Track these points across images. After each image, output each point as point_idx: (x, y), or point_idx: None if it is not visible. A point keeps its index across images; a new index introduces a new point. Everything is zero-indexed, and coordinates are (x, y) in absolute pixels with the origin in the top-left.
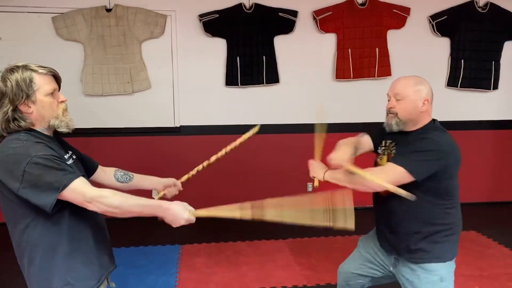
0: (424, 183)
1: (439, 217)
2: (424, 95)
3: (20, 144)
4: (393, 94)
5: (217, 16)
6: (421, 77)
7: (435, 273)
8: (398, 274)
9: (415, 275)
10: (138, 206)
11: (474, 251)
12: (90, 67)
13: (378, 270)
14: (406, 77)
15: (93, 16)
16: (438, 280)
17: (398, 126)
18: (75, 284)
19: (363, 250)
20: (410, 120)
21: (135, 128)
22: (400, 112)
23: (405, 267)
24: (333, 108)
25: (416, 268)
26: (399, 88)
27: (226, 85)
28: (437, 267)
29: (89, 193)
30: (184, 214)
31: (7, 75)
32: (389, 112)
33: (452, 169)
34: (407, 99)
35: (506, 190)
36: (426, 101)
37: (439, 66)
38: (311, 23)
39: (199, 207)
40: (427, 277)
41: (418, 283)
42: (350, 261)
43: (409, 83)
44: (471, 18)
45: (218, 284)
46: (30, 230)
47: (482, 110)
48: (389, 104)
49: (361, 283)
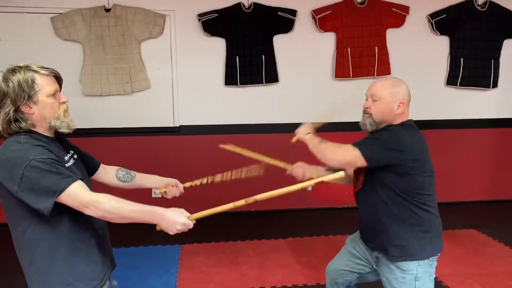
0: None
1: (408, 214)
2: (400, 97)
3: (19, 147)
4: (370, 95)
5: (216, 15)
6: (400, 79)
7: (410, 272)
8: (380, 272)
9: (393, 274)
10: (133, 212)
11: (474, 250)
12: (89, 67)
13: (365, 265)
14: (384, 79)
15: (92, 16)
16: (413, 279)
17: (372, 126)
18: (76, 284)
19: (350, 247)
20: (384, 121)
21: (135, 128)
22: (375, 113)
23: (384, 265)
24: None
25: (393, 267)
26: (376, 89)
27: (225, 85)
28: (412, 266)
29: (85, 198)
30: (179, 219)
31: (9, 75)
32: (365, 112)
33: (417, 166)
34: (383, 100)
35: (505, 188)
36: (401, 104)
37: (438, 64)
38: (310, 22)
39: (198, 207)
40: (403, 276)
41: (395, 282)
42: (337, 259)
43: (386, 85)
44: (471, 17)
45: (218, 284)
46: (30, 232)
47: (482, 109)
48: (365, 104)
49: (349, 280)
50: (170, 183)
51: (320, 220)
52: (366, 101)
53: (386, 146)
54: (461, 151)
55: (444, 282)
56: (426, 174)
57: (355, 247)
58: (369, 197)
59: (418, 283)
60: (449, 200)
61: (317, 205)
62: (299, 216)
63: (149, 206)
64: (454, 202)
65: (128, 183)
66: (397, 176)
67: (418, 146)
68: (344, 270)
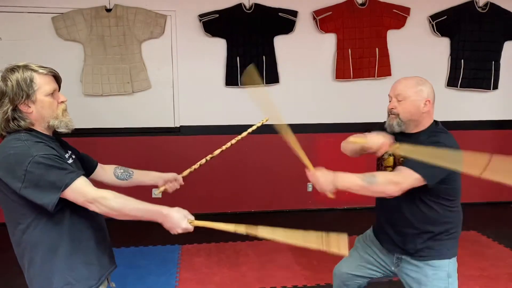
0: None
1: (446, 216)
2: (426, 95)
3: (21, 144)
4: (394, 95)
5: (217, 16)
6: (423, 78)
7: (442, 269)
8: (401, 273)
9: (422, 272)
10: (137, 211)
11: (475, 251)
12: (90, 67)
13: (377, 271)
14: (407, 78)
15: (93, 16)
16: (446, 276)
17: (400, 127)
18: (75, 284)
19: (362, 251)
20: (411, 121)
21: (135, 128)
22: (402, 113)
23: (409, 265)
24: (333, 108)
25: (422, 265)
26: (400, 89)
27: (226, 85)
28: (444, 264)
29: (90, 193)
30: (182, 223)
31: (7, 74)
32: (391, 113)
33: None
34: (408, 99)
35: (506, 190)
36: (427, 102)
37: (439, 66)
38: (311, 23)
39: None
40: (436, 273)
41: (426, 280)
42: (348, 262)
43: (411, 83)
44: (471, 18)
45: (218, 284)
46: (31, 230)
47: (482, 110)
48: (390, 104)
49: (359, 283)
50: (168, 178)
51: (320, 220)
52: (390, 102)
53: None
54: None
55: None
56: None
57: (368, 251)
58: (405, 204)
59: (450, 279)
60: None
61: (317, 205)
62: (299, 217)
63: (154, 205)
64: None
65: (127, 180)
66: (446, 183)
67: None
68: (355, 275)
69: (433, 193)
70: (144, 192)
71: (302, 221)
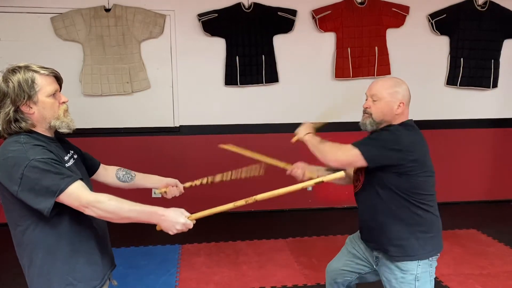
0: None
1: (407, 213)
2: (400, 97)
3: (19, 147)
4: (370, 95)
5: (216, 15)
6: (400, 79)
7: (410, 272)
8: (380, 273)
9: (393, 274)
10: (133, 212)
11: (474, 250)
12: (89, 67)
13: (364, 265)
14: (385, 79)
15: (92, 16)
16: (413, 279)
17: (372, 126)
18: (76, 284)
19: (350, 247)
20: (384, 121)
21: (135, 128)
22: (375, 113)
23: (384, 265)
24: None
25: (393, 267)
26: (376, 89)
27: (225, 85)
28: (412, 266)
29: (85, 198)
30: (179, 219)
31: (8, 75)
32: (365, 112)
33: (416, 166)
34: (383, 100)
35: (506, 188)
36: (401, 104)
37: (438, 64)
38: (310, 22)
39: (198, 207)
40: (403, 276)
41: (395, 282)
42: (337, 258)
43: (387, 84)
44: (470, 17)
45: (218, 284)
46: (30, 231)
47: (482, 109)
48: (365, 104)
49: (348, 280)
50: (170, 183)
51: (320, 220)
52: (366, 101)
53: (385, 146)
54: (461, 151)
55: (444, 282)
56: (426, 174)
57: (355, 247)
58: (369, 197)
59: (418, 283)
60: (449, 200)
61: (317, 205)
62: (299, 216)
63: (149, 206)
64: (454, 202)
65: (128, 183)
66: (397, 176)
67: (417, 145)
68: (344, 270)
69: (392, 183)
70: (144, 192)
71: (302, 220)
